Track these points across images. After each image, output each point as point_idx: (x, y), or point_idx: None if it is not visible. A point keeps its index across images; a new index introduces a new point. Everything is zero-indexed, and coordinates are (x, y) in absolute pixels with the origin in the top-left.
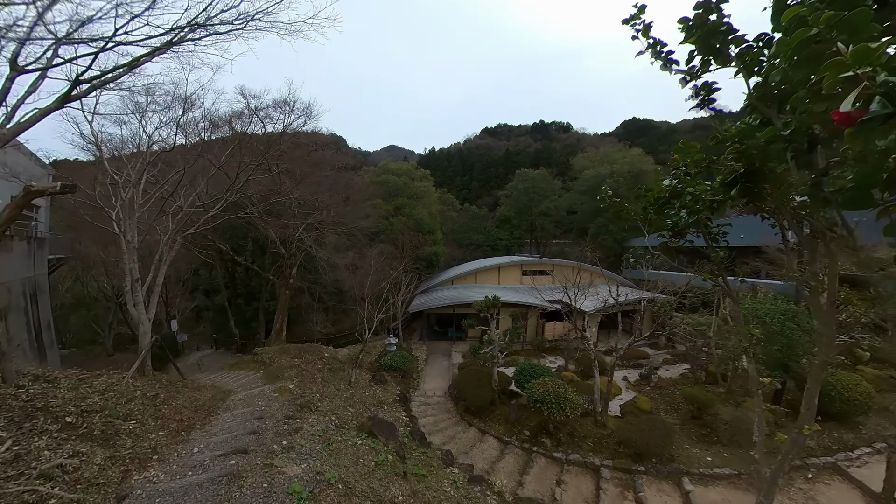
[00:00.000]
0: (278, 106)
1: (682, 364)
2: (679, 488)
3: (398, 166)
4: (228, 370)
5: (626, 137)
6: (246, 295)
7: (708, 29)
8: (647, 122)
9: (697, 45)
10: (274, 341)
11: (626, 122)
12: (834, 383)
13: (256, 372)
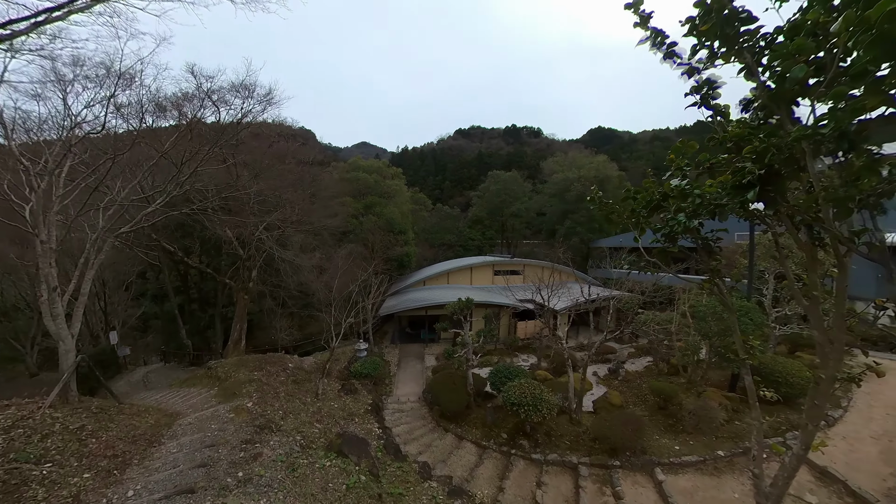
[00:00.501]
0: (235, 89)
1: (645, 357)
2: (652, 479)
3: (369, 163)
4: (178, 387)
5: (592, 144)
6: (200, 300)
7: (727, 14)
8: (611, 131)
9: (709, 34)
10: (231, 352)
11: (593, 131)
12: (780, 370)
13: (210, 389)
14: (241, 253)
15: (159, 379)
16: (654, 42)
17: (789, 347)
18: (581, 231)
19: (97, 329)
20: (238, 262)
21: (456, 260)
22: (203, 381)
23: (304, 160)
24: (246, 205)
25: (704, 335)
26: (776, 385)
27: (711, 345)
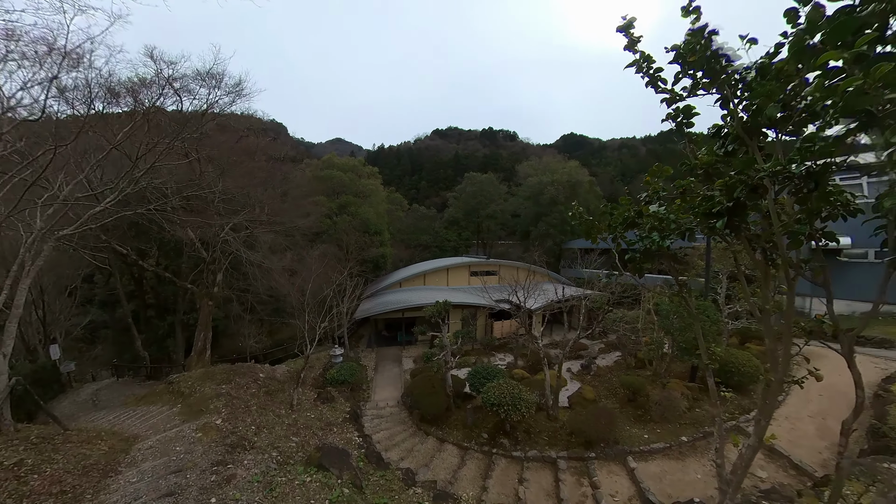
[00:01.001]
0: (201, 78)
1: (614, 352)
2: (625, 467)
3: (344, 161)
4: (135, 405)
5: (564, 150)
6: (158, 307)
7: (712, 51)
8: (582, 138)
9: (696, 65)
10: (195, 363)
11: (565, 136)
12: (732, 360)
13: (172, 406)
14: (204, 256)
15: (112, 397)
16: (641, 67)
17: (740, 339)
18: (554, 233)
19: (34, 342)
20: (201, 265)
21: (432, 261)
22: (164, 398)
23: (275, 156)
24: (210, 204)
25: (667, 331)
26: (730, 375)
27: (674, 340)
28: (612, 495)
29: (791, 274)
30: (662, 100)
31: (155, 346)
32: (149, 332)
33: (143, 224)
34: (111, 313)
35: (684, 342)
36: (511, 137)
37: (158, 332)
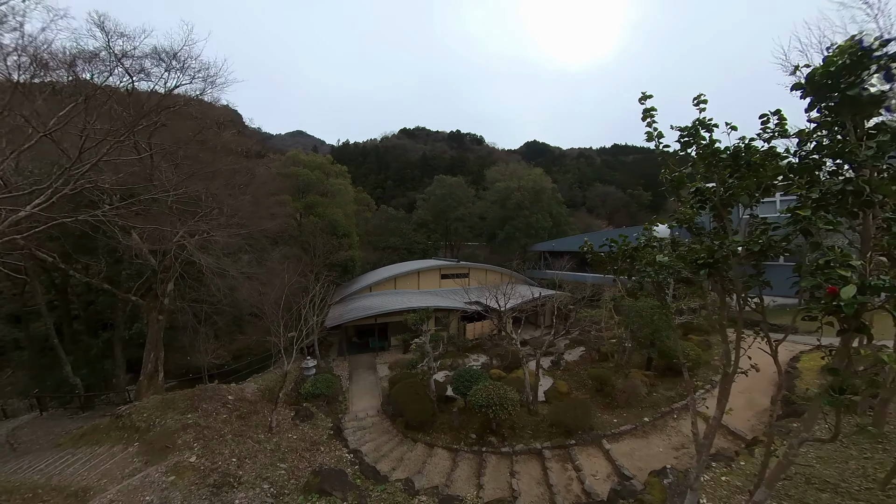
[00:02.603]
0: (160, 57)
1: (579, 347)
2: (601, 449)
3: (311, 158)
4: (73, 446)
5: (528, 156)
6: (89, 321)
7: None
8: (544, 146)
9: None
10: (146, 389)
11: (529, 143)
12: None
13: (127, 445)
14: (153, 263)
15: (36, 437)
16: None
17: (683, 332)
18: (519, 236)
19: None
20: (148, 273)
21: (403, 264)
22: (112, 435)
23: (238, 150)
24: (165, 203)
25: (628, 328)
26: (677, 361)
27: (633, 335)
28: (594, 475)
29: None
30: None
31: (88, 370)
32: (80, 351)
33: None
34: (24, 329)
35: (643, 337)
36: (478, 141)
37: (91, 351)
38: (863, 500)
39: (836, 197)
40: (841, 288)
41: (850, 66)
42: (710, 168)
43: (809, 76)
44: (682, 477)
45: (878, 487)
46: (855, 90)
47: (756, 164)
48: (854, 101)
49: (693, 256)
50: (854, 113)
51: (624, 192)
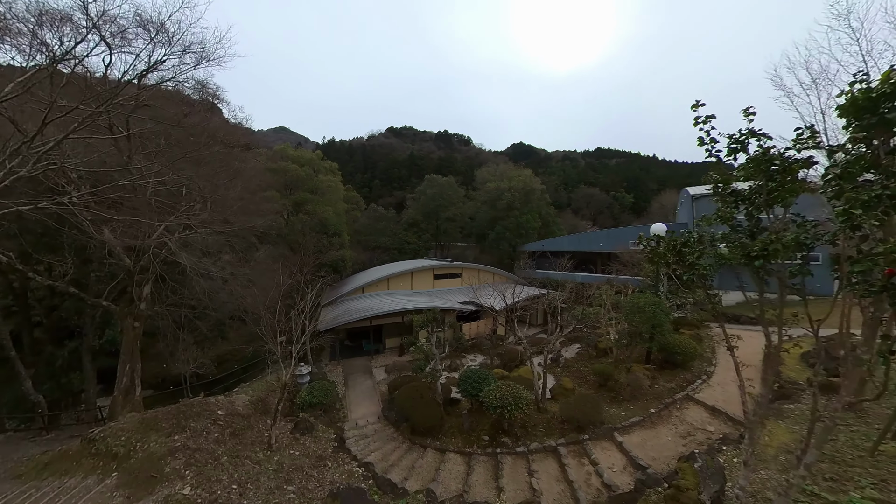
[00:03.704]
0: (144, 25)
1: (574, 344)
2: (614, 442)
3: (300, 153)
4: (37, 477)
5: (514, 157)
6: (53, 329)
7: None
8: (530, 148)
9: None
10: (122, 407)
11: (515, 145)
12: (676, 343)
13: (103, 475)
14: (127, 263)
15: None
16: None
17: (675, 326)
18: (509, 236)
19: None
20: (122, 275)
21: (396, 264)
22: (85, 463)
23: (227, 140)
24: (143, 196)
25: (630, 323)
26: (676, 355)
27: (635, 330)
28: (610, 467)
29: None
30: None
31: (51, 384)
32: (42, 364)
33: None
34: None
35: (644, 331)
36: (466, 142)
37: (55, 363)
38: (857, 466)
39: (875, 200)
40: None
41: (890, 94)
42: (760, 172)
43: (850, 101)
44: (711, 460)
45: (867, 455)
46: (892, 114)
47: (794, 171)
48: (889, 122)
49: (746, 249)
50: (885, 133)
51: (607, 194)
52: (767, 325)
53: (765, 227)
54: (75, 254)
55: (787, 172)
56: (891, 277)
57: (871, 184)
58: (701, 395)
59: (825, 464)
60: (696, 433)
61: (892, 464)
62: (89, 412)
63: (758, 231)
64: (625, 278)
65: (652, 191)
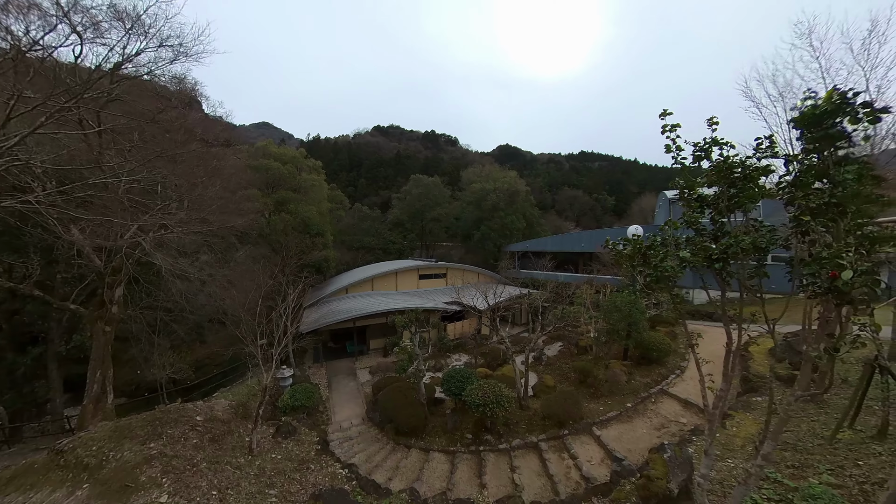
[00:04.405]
0: (119, 17)
1: (556, 342)
2: (592, 436)
3: (283, 151)
4: (0, 494)
5: (500, 159)
6: (15, 334)
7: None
8: (516, 150)
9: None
10: (92, 416)
11: (501, 147)
12: (651, 340)
13: (73, 487)
14: (97, 264)
15: None
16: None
17: (651, 324)
18: (494, 237)
19: None
20: (92, 276)
21: (380, 264)
22: (53, 476)
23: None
24: (116, 193)
25: (608, 321)
26: (652, 351)
27: (612, 328)
28: (589, 461)
29: None
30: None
31: (13, 394)
32: (1, 372)
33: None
34: None
35: (621, 329)
36: (452, 142)
37: (17, 371)
38: (817, 454)
39: (823, 207)
40: (840, 272)
41: (831, 112)
42: (722, 179)
43: (802, 115)
44: (679, 451)
45: (826, 443)
46: (834, 129)
47: (755, 178)
48: (832, 136)
49: (707, 252)
50: (829, 145)
51: (590, 196)
52: (729, 322)
53: (728, 230)
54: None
55: (748, 179)
56: (834, 280)
57: (820, 192)
58: (674, 388)
59: (788, 452)
60: (670, 425)
61: (847, 451)
62: (55, 423)
63: (721, 235)
64: (604, 278)
65: (633, 193)
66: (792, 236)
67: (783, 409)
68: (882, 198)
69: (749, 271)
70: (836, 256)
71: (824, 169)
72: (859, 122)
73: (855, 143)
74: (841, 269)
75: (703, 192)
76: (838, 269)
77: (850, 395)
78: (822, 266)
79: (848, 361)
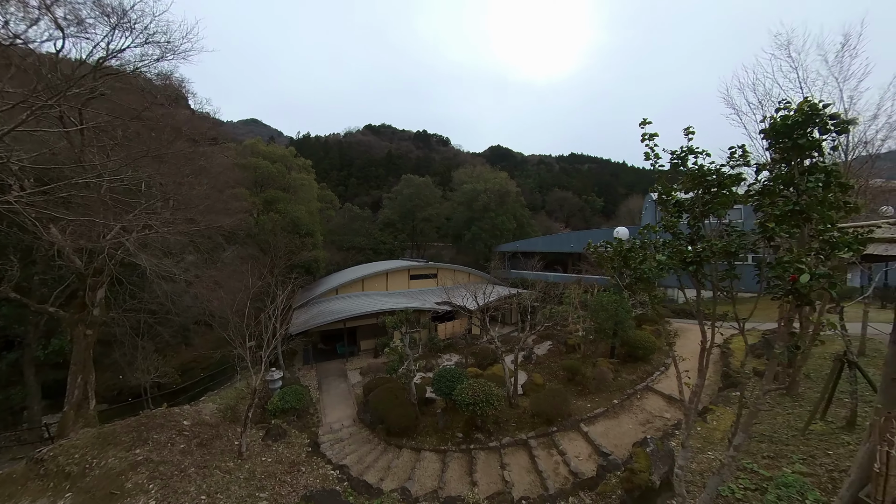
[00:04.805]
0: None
1: (546, 341)
2: (580, 433)
3: (272, 149)
4: None
5: (492, 160)
6: None
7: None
8: (507, 151)
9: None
10: (73, 423)
11: (493, 148)
12: (637, 338)
13: (55, 496)
14: (78, 265)
15: None
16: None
17: (637, 323)
18: (485, 237)
19: None
20: (72, 278)
21: (370, 265)
22: (32, 486)
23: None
24: (97, 192)
25: (595, 320)
26: (638, 349)
27: (599, 327)
28: (577, 456)
29: None
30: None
31: None
32: None
33: None
34: None
35: (608, 328)
36: (444, 143)
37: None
38: (791, 445)
39: (788, 214)
40: (799, 276)
41: (801, 122)
42: (696, 185)
43: (772, 126)
44: (661, 444)
45: (799, 434)
46: (802, 139)
47: (728, 185)
48: (801, 147)
49: (683, 256)
50: (798, 154)
51: (580, 197)
52: (703, 321)
53: (703, 234)
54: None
55: (721, 186)
56: (794, 282)
57: (786, 200)
58: (659, 385)
59: (764, 444)
60: (655, 420)
61: (819, 441)
62: (33, 431)
63: (697, 238)
64: (592, 278)
65: (621, 195)
66: (758, 241)
67: (752, 403)
68: (847, 204)
69: (720, 274)
70: (796, 261)
71: (791, 177)
72: (828, 132)
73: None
74: (800, 273)
75: (680, 197)
76: (798, 272)
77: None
78: (785, 269)
79: (822, 357)
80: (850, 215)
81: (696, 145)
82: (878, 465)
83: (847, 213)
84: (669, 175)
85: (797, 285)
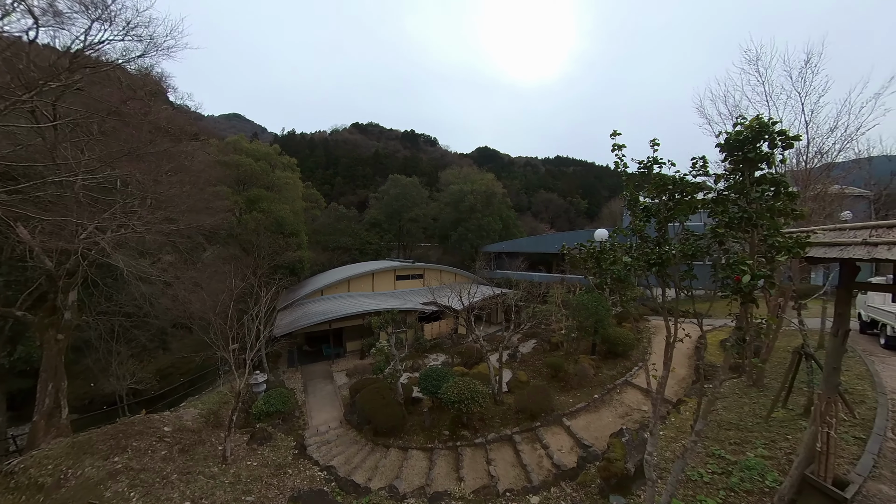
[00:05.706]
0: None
1: (530, 340)
2: (563, 427)
3: (255, 147)
4: None
5: (479, 161)
6: None
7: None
8: (494, 152)
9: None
10: (44, 433)
11: (480, 149)
12: (617, 336)
13: None
14: (48, 266)
15: None
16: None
17: (617, 320)
18: (471, 237)
19: None
20: (41, 279)
21: (356, 265)
22: (2, 500)
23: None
24: (69, 189)
25: (577, 319)
26: (618, 346)
27: (581, 325)
28: (559, 449)
29: None
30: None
31: None
32: None
33: None
34: None
35: (589, 326)
36: (432, 143)
37: None
38: (755, 431)
39: (737, 220)
40: (742, 276)
41: (752, 137)
42: (660, 192)
43: (726, 140)
44: (636, 434)
45: (763, 421)
46: (752, 153)
47: (690, 192)
48: (750, 159)
49: (647, 258)
50: (749, 166)
51: (564, 199)
52: (667, 317)
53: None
54: None
55: (683, 194)
56: (738, 283)
57: (737, 207)
58: (637, 379)
59: (731, 431)
60: (633, 413)
61: (780, 427)
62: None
63: (664, 241)
64: (575, 277)
65: (604, 197)
66: (711, 245)
67: (711, 392)
68: (794, 211)
69: (681, 274)
70: (740, 263)
71: (743, 187)
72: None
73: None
74: (743, 274)
75: (647, 202)
76: (741, 273)
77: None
78: (732, 271)
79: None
80: (797, 221)
81: (661, 156)
82: (819, 445)
83: (794, 219)
84: (637, 183)
85: (741, 285)
